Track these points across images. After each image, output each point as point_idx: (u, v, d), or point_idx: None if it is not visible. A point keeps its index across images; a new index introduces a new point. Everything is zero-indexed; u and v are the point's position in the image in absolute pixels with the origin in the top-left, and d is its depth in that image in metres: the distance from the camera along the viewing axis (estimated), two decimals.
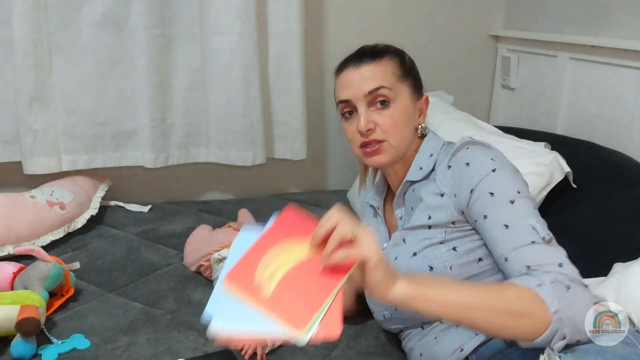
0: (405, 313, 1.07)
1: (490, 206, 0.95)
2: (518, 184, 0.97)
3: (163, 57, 1.86)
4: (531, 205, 0.95)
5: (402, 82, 1.08)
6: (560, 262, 0.87)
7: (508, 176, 0.97)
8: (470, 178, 0.97)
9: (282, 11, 1.90)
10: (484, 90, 2.32)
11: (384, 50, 1.10)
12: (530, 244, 0.90)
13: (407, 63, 1.11)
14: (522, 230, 0.91)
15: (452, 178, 1.00)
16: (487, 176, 0.96)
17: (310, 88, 2.02)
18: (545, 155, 1.45)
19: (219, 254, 1.39)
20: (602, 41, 1.67)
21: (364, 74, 1.06)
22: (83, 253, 1.61)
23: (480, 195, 0.96)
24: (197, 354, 1.14)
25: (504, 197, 0.94)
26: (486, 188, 0.96)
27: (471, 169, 0.98)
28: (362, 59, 1.08)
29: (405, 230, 1.08)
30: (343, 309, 0.74)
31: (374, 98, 1.05)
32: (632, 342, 0.91)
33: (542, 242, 0.89)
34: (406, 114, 1.07)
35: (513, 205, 0.93)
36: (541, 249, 0.89)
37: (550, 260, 0.87)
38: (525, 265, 0.88)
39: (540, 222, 0.93)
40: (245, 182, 2.18)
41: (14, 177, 1.91)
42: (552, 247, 0.90)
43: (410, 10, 2.14)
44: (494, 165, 0.98)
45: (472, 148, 1.01)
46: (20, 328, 1.12)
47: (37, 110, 1.78)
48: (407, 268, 1.03)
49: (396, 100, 1.06)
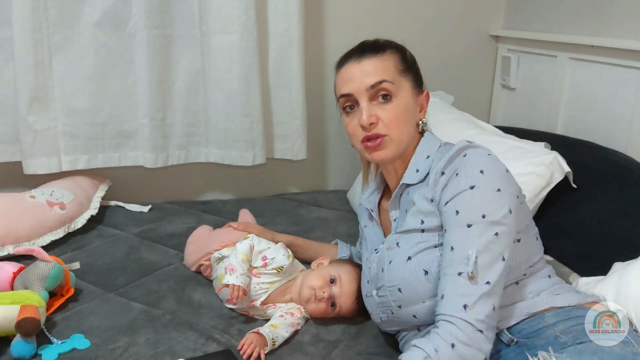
0: (401, 316, 1.07)
1: (451, 223, 0.96)
2: (488, 206, 0.94)
3: (163, 57, 1.86)
4: (490, 231, 0.93)
5: (403, 77, 1.07)
6: (466, 304, 0.89)
7: (482, 197, 0.95)
8: (450, 190, 0.98)
9: (282, 11, 1.90)
10: (484, 90, 2.32)
11: (386, 45, 1.09)
12: (456, 274, 0.92)
13: (408, 58, 1.11)
14: (459, 257, 0.93)
15: (442, 185, 1.00)
16: (462, 192, 0.96)
17: (310, 88, 2.02)
18: (545, 155, 1.45)
19: (219, 253, 1.39)
20: (602, 41, 1.67)
21: (365, 68, 1.05)
22: (83, 253, 1.61)
23: (449, 209, 0.97)
24: (197, 354, 1.14)
25: (464, 218, 0.94)
26: (456, 204, 0.96)
27: (455, 181, 0.98)
28: (363, 53, 1.07)
29: (398, 234, 1.08)
30: None
31: (376, 92, 1.05)
32: (629, 342, 0.92)
33: (466, 276, 0.91)
34: (408, 108, 1.07)
35: (469, 229, 0.93)
36: (462, 283, 0.91)
37: (461, 299, 0.90)
38: (442, 293, 0.93)
39: (487, 253, 0.92)
40: (245, 182, 2.18)
41: (14, 177, 1.91)
42: (471, 284, 0.91)
43: (410, 11, 2.14)
44: (477, 180, 0.96)
45: (469, 155, 1.00)
46: (20, 328, 1.12)
47: (37, 110, 1.78)
48: (402, 272, 1.03)
49: (398, 95, 1.06)
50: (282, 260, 1.29)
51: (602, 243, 1.34)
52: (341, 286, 1.25)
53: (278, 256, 1.29)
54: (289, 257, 1.31)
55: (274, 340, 1.16)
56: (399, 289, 1.04)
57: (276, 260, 1.28)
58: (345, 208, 1.95)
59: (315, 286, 1.25)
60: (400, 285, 1.04)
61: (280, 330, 1.19)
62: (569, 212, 1.45)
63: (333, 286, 1.25)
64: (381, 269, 1.09)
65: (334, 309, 1.25)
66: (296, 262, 1.37)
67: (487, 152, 1.01)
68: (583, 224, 1.41)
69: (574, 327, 0.95)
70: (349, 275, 1.26)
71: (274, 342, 1.16)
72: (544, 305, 1.00)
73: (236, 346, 1.15)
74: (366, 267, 1.19)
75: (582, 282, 1.20)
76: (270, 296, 1.29)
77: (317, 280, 1.26)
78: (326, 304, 1.24)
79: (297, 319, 1.25)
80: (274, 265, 1.29)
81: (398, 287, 1.04)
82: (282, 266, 1.28)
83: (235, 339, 1.19)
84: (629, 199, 1.35)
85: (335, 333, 1.24)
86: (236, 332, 1.22)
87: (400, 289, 1.04)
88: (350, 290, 1.25)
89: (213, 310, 1.32)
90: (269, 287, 1.29)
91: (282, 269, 1.29)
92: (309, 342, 1.21)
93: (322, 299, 1.24)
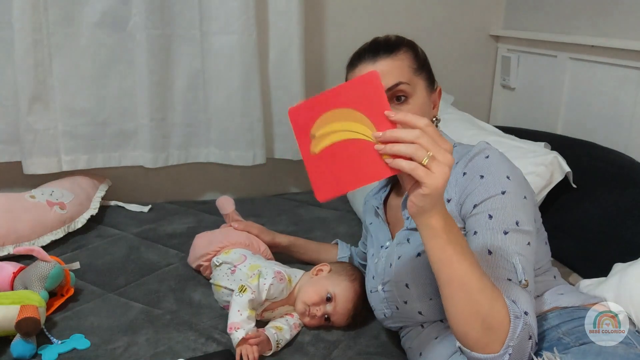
0: (406, 312, 1.07)
1: (484, 226, 0.93)
2: (520, 214, 0.93)
3: (163, 57, 1.86)
4: (524, 240, 0.92)
5: (418, 76, 1.06)
6: (527, 311, 0.86)
7: (514, 202, 0.94)
8: (478, 192, 0.96)
9: (282, 11, 1.90)
10: (484, 90, 2.33)
11: (399, 43, 1.07)
12: (506, 280, 0.89)
13: (420, 55, 1.09)
14: (503, 263, 0.90)
15: (463, 186, 0.98)
16: (494, 197, 0.94)
17: (310, 88, 2.02)
18: (545, 155, 1.45)
19: (217, 259, 1.38)
20: (602, 41, 1.67)
21: (381, 69, 1.02)
22: (83, 253, 1.60)
23: (479, 212, 0.95)
24: (197, 354, 1.14)
25: (500, 224, 0.92)
26: (488, 208, 0.94)
27: (483, 184, 0.96)
28: (377, 52, 1.05)
29: (409, 230, 1.07)
30: None
31: (392, 94, 1.03)
32: (631, 343, 0.91)
33: (517, 284, 0.88)
34: (423, 107, 1.06)
35: (506, 236, 0.91)
36: (517, 289, 0.88)
37: (522, 304, 0.86)
38: None
39: (525, 262, 0.91)
40: (245, 182, 2.18)
41: (14, 177, 1.91)
42: (526, 292, 0.88)
43: (410, 11, 2.14)
44: (507, 186, 0.95)
45: (492, 158, 0.98)
46: (20, 328, 1.12)
47: (37, 110, 1.78)
48: (412, 268, 1.03)
49: (414, 95, 1.04)
50: (280, 295, 1.26)
51: (602, 243, 1.34)
52: (336, 306, 1.22)
53: (276, 292, 1.25)
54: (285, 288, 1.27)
55: (278, 342, 1.16)
56: (406, 284, 1.04)
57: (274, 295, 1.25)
58: (345, 208, 1.95)
59: (309, 303, 1.23)
60: (408, 280, 1.03)
61: (285, 333, 1.19)
62: (569, 212, 1.45)
63: (328, 304, 1.23)
64: (389, 264, 1.09)
65: (328, 323, 1.25)
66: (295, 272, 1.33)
67: (505, 157, 1.01)
68: (583, 224, 1.41)
69: (577, 328, 0.95)
70: (346, 293, 1.23)
71: (278, 344, 1.16)
72: (548, 305, 1.00)
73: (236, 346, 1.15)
74: (372, 263, 1.19)
75: (583, 284, 1.20)
76: None
77: (313, 297, 1.23)
78: (319, 320, 1.23)
79: (297, 319, 1.25)
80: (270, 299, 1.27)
81: (405, 282, 1.04)
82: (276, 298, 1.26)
83: None
84: (629, 199, 1.35)
85: (335, 333, 1.24)
86: None
87: (407, 285, 1.03)
88: (344, 310, 1.23)
89: (213, 310, 1.32)
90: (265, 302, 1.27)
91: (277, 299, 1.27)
92: (309, 342, 1.21)
93: (314, 316, 1.23)
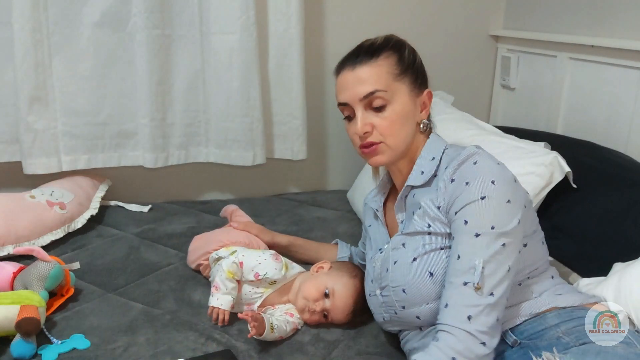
0: (404, 317, 1.07)
1: (459, 232, 0.96)
2: (499, 218, 0.94)
3: (163, 57, 1.86)
4: (495, 243, 0.92)
5: (399, 81, 1.06)
6: (470, 315, 0.89)
7: (492, 208, 0.94)
8: (460, 199, 0.97)
9: (282, 11, 1.90)
10: (484, 90, 2.32)
11: (382, 47, 1.07)
12: (462, 284, 0.91)
13: (406, 58, 1.08)
14: (465, 266, 0.92)
15: (451, 193, 0.99)
16: (473, 203, 0.95)
17: (310, 88, 2.02)
18: (545, 155, 1.45)
19: (216, 253, 1.39)
20: (602, 41, 1.67)
21: (359, 76, 1.05)
22: (83, 253, 1.61)
23: (458, 218, 0.96)
24: (197, 354, 1.14)
25: (473, 228, 0.94)
26: (465, 214, 0.95)
27: (466, 190, 0.96)
28: (357, 58, 1.07)
29: (404, 235, 1.07)
30: None
31: (369, 102, 1.05)
32: (632, 343, 0.92)
33: (472, 286, 0.90)
34: (403, 113, 1.06)
35: (476, 239, 0.93)
36: (468, 293, 0.90)
37: (466, 310, 0.89)
38: (446, 302, 0.93)
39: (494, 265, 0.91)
40: (245, 182, 2.18)
41: (14, 177, 1.91)
42: (477, 295, 0.90)
43: (410, 11, 2.14)
44: (488, 191, 0.95)
45: (479, 163, 0.98)
46: (20, 328, 1.12)
47: (37, 110, 1.78)
48: (407, 273, 1.03)
49: (392, 102, 1.05)
50: (274, 275, 1.27)
51: (602, 243, 1.34)
52: (335, 301, 1.23)
53: (270, 271, 1.26)
54: (282, 269, 1.29)
55: (272, 325, 1.16)
56: (403, 289, 1.04)
57: (268, 275, 1.27)
58: (345, 208, 1.95)
59: (309, 298, 1.24)
60: (405, 285, 1.03)
61: (281, 323, 1.19)
62: (569, 212, 1.45)
63: (327, 300, 1.23)
64: (385, 269, 1.09)
65: (327, 319, 1.25)
66: (293, 264, 1.35)
67: (496, 160, 1.00)
68: (583, 224, 1.41)
69: (576, 328, 0.95)
70: (345, 290, 1.24)
71: (272, 327, 1.15)
72: (546, 305, 1.00)
73: (236, 346, 1.15)
74: (370, 267, 1.19)
75: (582, 283, 1.20)
76: (267, 299, 1.29)
77: (312, 292, 1.24)
78: (319, 316, 1.24)
79: (296, 319, 1.25)
80: (267, 279, 1.28)
81: (402, 287, 1.04)
82: (275, 280, 1.28)
83: (235, 339, 1.19)
84: (629, 199, 1.35)
85: (335, 333, 1.24)
86: (236, 332, 1.22)
87: (404, 290, 1.04)
88: (343, 306, 1.23)
89: None
90: (264, 292, 1.28)
91: (275, 282, 1.28)
92: (309, 342, 1.21)
93: (314, 312, 1.23)
